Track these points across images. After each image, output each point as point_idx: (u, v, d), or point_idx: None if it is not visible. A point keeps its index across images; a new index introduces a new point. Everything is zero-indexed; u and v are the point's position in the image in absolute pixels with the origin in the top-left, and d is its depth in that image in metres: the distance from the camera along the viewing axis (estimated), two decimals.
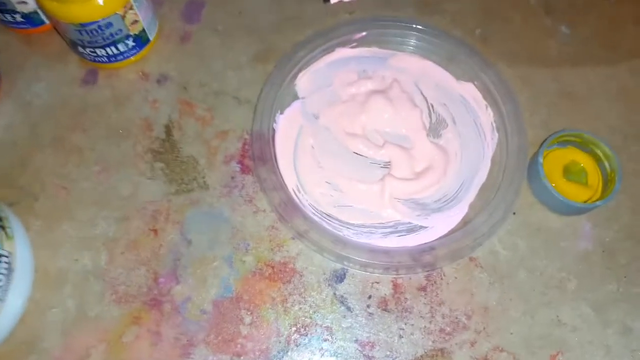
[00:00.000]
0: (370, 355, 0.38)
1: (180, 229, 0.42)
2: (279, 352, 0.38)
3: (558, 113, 0.48)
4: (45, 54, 0.49)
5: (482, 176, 0.45)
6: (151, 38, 0.49)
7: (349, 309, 0.40)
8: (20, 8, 0.46)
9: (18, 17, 0.47)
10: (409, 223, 0.43)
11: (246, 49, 0.51)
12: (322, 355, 0.38)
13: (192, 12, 0.52)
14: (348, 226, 0.43)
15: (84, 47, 0.45)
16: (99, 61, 0.47)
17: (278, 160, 0.44)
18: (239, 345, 0.38)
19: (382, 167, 0.45)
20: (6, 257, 0.37)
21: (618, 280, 0.41)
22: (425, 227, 0.43)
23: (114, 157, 0.45)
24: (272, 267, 0.41)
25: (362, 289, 0.41)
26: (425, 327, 0.39)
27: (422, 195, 0.44)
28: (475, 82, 0.49)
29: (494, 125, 0.47)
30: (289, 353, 0.38)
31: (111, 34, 0.44)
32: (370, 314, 0.40)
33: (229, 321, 0.39)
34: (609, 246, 0.43)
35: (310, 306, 0.40)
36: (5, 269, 0.37)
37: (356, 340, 0.39)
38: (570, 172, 0.45)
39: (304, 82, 0.49)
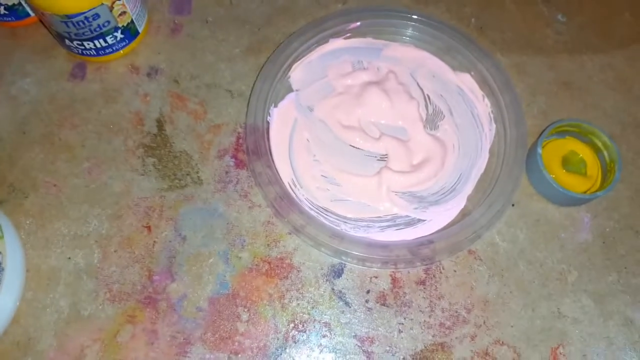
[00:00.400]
0: (369, 350, 0.38)
1: (174, 225, 0.41)
2: (277, 349, 0.38)
3: (555, 103, 0.48)
4: (31, 48, 0.48)
5: (480, 168, 0.44)
6: (140, 30, 0.47)
7: (347, 304, 0.39)
8: (4, 0, 0.45)
9: (2, 10, 0.46)
10: (407, 216, 0.42)
11: (238, 40, 0.49)
12: (321, 351, 0.38)
13: (182, 3, 0.51)
14: (345, 220, 0.42)
15: (71, 40, 0.44)
16: (87, 54, 0.46)
17: (273, 154, 0.44)
18: (236, 343, 0.38)
19: (378, 159, 0.45)
20: None
21: (618, 271, 0.41)
22: (424, 220, 0.42)
23: (104, 153, 0.44)
24: (269, 263, 0.40)
25: (360, 284, 0.40)
26: (424, 321, 0.39)
27: (420, 188, 0.44)
28: (472, 73, 0.48)
29: (492, 116, 0.47)
30: (287, 350, 0.38)
31: (99, 26, 0.43)
32: (369, 309, 0.39)
33: (225, 318, 0.38)
34: (608, 237, 0.42)
35: (308, 302, 0.39)
36: None
37: (355, 336, 0.38)
38: (569, 163, 0.44)
39: (297, 74, 0.48)
